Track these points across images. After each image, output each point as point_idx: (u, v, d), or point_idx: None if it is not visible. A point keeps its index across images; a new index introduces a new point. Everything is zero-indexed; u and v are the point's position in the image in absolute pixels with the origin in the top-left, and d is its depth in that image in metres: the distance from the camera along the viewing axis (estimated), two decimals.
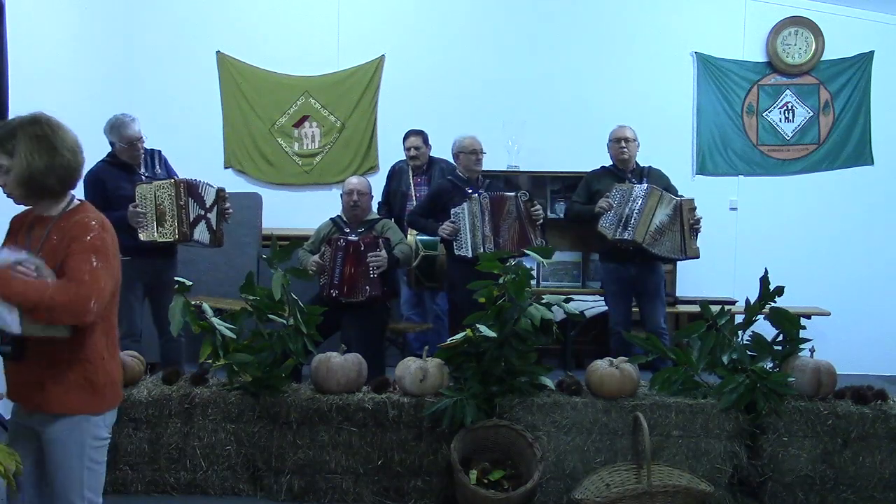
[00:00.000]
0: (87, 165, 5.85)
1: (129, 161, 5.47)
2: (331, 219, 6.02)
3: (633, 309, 6.23)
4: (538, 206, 5.81)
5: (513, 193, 5.83)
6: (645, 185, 5.79)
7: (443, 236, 5.88)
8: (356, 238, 5.68)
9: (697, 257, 5.85)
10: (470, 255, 5.70)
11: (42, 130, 2.73)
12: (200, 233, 5.43)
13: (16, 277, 2.58)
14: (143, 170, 5.52)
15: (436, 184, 6.42)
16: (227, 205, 5.60)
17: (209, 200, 5.47)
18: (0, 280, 2.56)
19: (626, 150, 5.99)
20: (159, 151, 5.74)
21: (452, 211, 5.82)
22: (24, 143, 2.68)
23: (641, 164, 6.14)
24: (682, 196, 5.85)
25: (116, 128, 5.40)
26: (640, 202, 5.72)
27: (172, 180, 5.35)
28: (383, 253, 5.64)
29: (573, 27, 7.86)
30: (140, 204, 5.26)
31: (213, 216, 5.49)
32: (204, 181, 5.52)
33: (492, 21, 7.89)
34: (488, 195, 5.81)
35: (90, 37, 6.78)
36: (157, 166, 5.60)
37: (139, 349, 5.28)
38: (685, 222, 5.74)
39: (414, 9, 7.91)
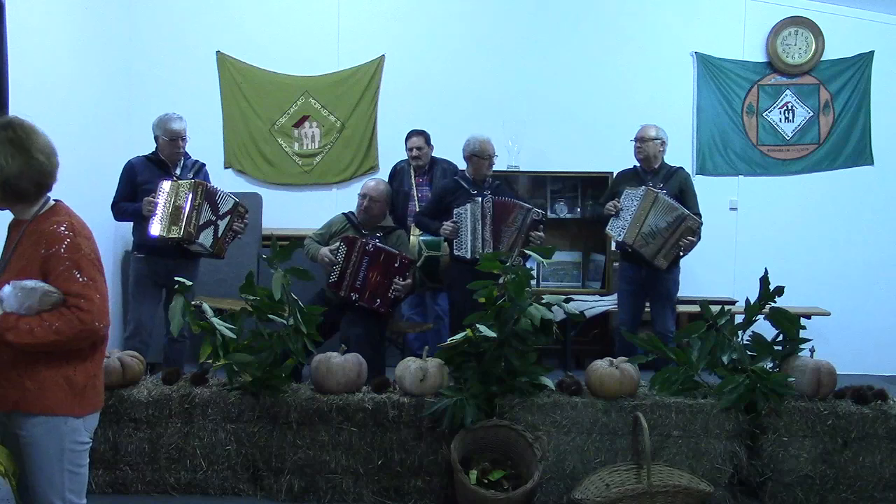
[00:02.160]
0: (82, 162, 5.90)
1: (167, 159, 5.58)
2: (344, 214, 6.00)
3: (646, 309, 6.21)
4: (541, 234, 5.75)
5: (527, 206, 5.81)
6: (643, 188, 5.78)
7: (444, 236, 5.90)
8: (396, 252, 5.66)
9: (661, 268, 5.81)
10: (468, 256, 5.72)
11: (15, 134, 2.71)
12: (205, 237, 5.45)
13: (20, 327, 2.62)
14: (177, 171, 5.60)
15: (441, 184, 6.39)
16: (245, 222, 5.64)
17: (223, 208, 5.51)
18: (11, 332, 2.62)
19: (640, 149, 5.97)
20: (204, 164, 5.84)
21: (455, 211, 5.82)
22: None
23: (671, 165, 6.10)
24: (688, 213, 5.73)
25: (163, 122, 5.57)
26: (635, 204, 5.73)
27: (193, 181, 5.41)
28: (410, 282, 5.67)
29: (573, 27, 7.86)
30: (158, 196, 5.35)
31: (222, 224, 5.52)
32: (226, 191, 5.61)
33: (492, 21, 7.88)
34: (492, 199, 5.80)
35: (90, 36, 6.76)
36: (192, 174, 5.63)
37: (144, 349, 5.31)
38: (676, 236, 5.69)
39: (414, 9, 7.90)
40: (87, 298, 2.69)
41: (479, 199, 5.78)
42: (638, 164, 6.08)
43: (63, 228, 2.74)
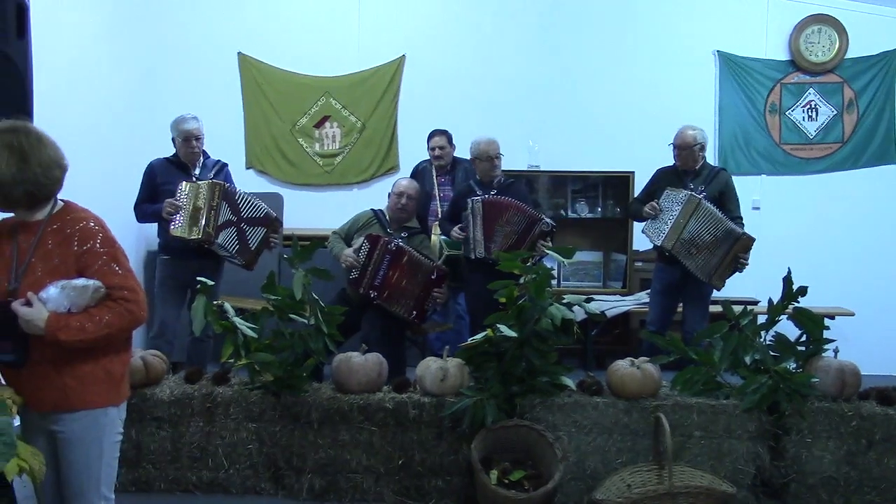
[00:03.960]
0: (104, 163, 5.93)
1: (184, 159, 5.63)
2: (372, 210, 6.01)
3: (678, 309, 6.16)
4: (548, 244, 5.64)
5: (535, 214, 5.73)
6: (685, 193, 5.69)
7: (453, 239, 5.91)
8: (432, 264, 5.66)
9: (718, 290, 5.77)
10: (471, 256, 5.75)
11: (18, 141, 2.69)
12: (227, 240, 5.45)
13: (72, 325, 2.64)
14: (196, 171, 5.64)
15: (456, 188, 6.43)
16: (276, 237, 5.65)
17: (249, 213, 5.52)
18: (63, 330, 2.64)
19: (680, 156, 5.86)
20: (225, 164, 5.86)
21: (462, 214, 5.84)
22: None
23: (713, 165, 6.02)
24: (743, 231, 5.65)
25: (177, 122, 5.63)
26: (676, 209, 5.66)
27: (211, 182, 5.44)
28: (446, 291, 5.67)
29: (594, 26, 7.84)
30: (178, 199, 5.38)
31: (252, 233, 5.52)
32: (252, 196, 5.61)
33: (512, 20, 7.88)
34: (481, 199, 5.78)
35: (113, 38, 6.82)
36: (212, 174, 5.66)
37: (168, 349, 5.34)
38: (731, 256, 5.60)
39: (434, 9, 7.91)
40: (130, 289, 2.75)
41: (470, 200, 5.78)
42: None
43: (92, 224, 2.78)
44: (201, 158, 5.70)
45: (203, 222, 5.35)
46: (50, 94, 5.45)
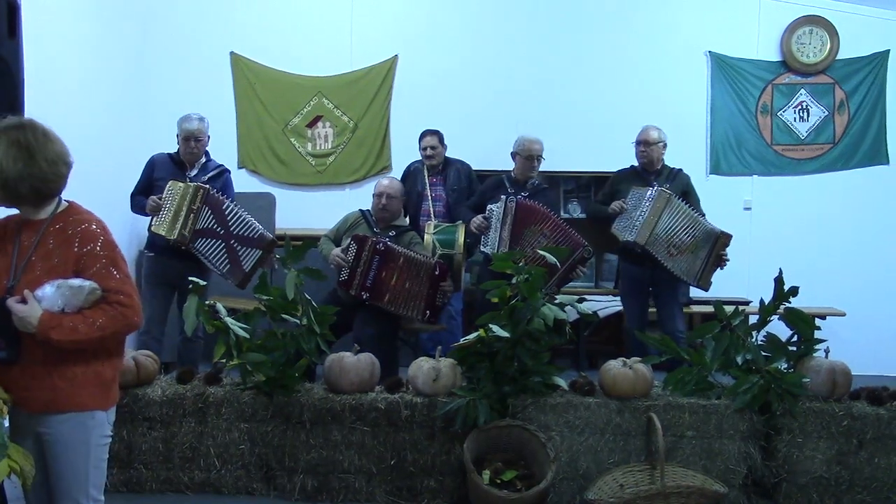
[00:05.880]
0: (97, 162, 5.91)
1: (183, 157, 5.64)
2: (360, 210, 5.99)
3: (651, 309, 6.18)
4: (583, 271, 5.68)
5: (569, 231, 5.68)
6: (654, 189, 5.72)
7: (472, 229, 5.89)
8: (432, 261, 5.62)
9: (707, 290, 5.79)
10: (490, 253, 5.73)
11: (24, 137, 2.69)
12: (213, 254, 5.41)
13: (64, 325, 2.64)
14: (192, 171, 5.62)
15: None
16: (272, 256, 5.52)
17: (238, 230, 5.44)
18: (55, 329, 2.63)
19: (646, 153, 5.93)
20: (227, 170, 5.84)
21: (488, 207, 5.83)
22: (2, 147, 2.66)
23: (671, 167, 6.06)
24: (721, 230, 5.66)
25: (181, 121, 5.65)
26: (647, 205, 5.67)
27: (196, 185, 5.42)
28: (450, 284, 5.66)
29: (587, 27, 7.85)
30: (165, 197, 5.37)
31: (246, 254, 5.45)
32: (243, 212, 5.49)
33: (505, 21, 7.88)
34: (516, 200, 5.76)
35: (105, 37, 6.79)
36: (207, 178, 5.62)
37: (155, 346, 5.32)
38: (714, 254, 5.64)
39: (427, 9, 7.91)
40: (125, 294, 2.73)
41: (504, 197, 5.76)
42: (638, 165, 6.05)
43: (94, 227, 2.77)
44: (202, 160, 5.68)
45: (179, 224, 5.33)
46: (41, 92, 5.43)
